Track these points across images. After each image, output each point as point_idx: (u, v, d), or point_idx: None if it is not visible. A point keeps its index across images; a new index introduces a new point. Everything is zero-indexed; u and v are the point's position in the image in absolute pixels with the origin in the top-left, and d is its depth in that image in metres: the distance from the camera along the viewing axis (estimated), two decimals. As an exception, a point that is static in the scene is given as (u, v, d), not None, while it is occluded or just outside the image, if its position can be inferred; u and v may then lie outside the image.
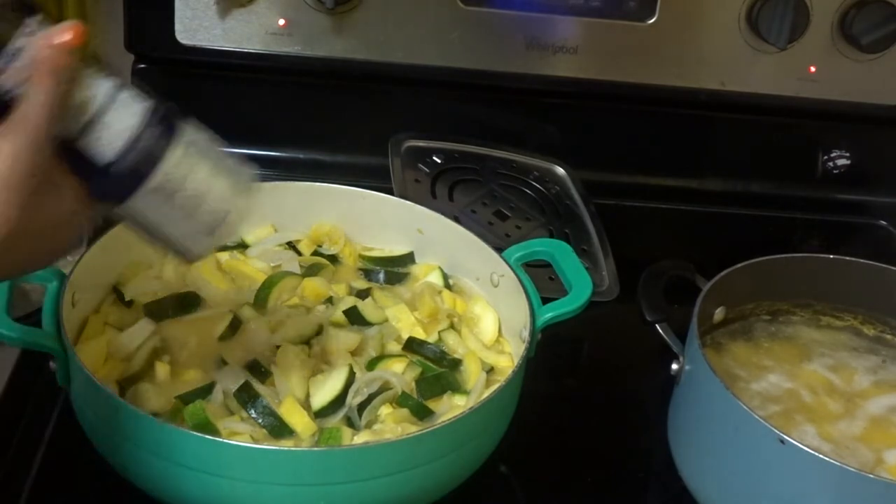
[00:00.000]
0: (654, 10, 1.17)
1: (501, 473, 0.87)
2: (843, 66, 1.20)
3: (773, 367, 0.91)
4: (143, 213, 0.64)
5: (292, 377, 0.82)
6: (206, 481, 0.73)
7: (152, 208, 0.64)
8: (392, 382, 0.83)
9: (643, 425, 0.92)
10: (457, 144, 1.22)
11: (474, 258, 0.94)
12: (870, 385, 0.90)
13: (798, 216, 1.29)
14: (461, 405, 0.83)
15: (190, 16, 1.14)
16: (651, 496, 0.92)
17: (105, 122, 0.62)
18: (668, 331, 0.89)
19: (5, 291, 0.80)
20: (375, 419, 0.81)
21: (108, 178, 0.62)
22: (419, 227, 0.97)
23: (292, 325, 0.87)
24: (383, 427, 0.80)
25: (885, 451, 0.83)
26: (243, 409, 0.79)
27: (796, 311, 0.96)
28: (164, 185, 0.63)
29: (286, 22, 1.14)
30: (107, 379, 0.81)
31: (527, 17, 1.16)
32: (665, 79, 1.20)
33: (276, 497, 0.73)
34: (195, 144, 0.64)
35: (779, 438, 0.74)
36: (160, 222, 0.65)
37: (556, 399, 0.98)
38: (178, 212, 0.64)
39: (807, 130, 1.28)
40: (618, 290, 1.08)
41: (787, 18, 1.14)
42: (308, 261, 0.96)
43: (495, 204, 1.16)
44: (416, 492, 0.77)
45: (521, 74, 1.19)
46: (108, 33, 1.25)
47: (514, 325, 0.89)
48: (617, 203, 1.24)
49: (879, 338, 0.95)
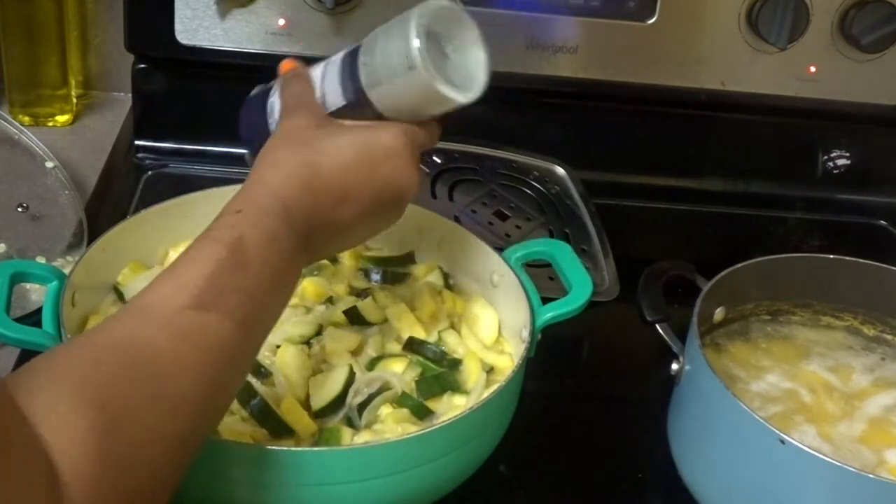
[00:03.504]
0: (654, 10, 1.17)
1: (501, 473, 0.87)
2: (843, 66, 1.20)
3: (771, 367, 0.91)
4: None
5: (292, 377, 0.82)
6: (206, 481, 0.73)
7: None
8: (392, 382, 0.83)
9: (643, 425, 0.92)
10: (457, 144, 1.22)
11: (474, 258, 0.94)
12: (869, 384, 0.90)
13: (798, 216, 1.28)
14: (461, 405, 0.83)
15: (190, 16, 1.14)
16: (651, 496, 0.92)
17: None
18: (668, 331, 0.89)
19: (5, 291, 0.80)
20: (375, 419, 0.81)
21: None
22: (419, 227, 0.97)
23: (292, 325, 0.87)
24: (383, 427, 0.80)
25: (886, 451, 0.83)
26: (243, 409, 0.79)
27: (796, 311, 0.96)
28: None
29: (286, 22, 1.14)
30: (107, 379, 0.81)
31: (527, 17, 1.16)
32: (665, 79, 1.20)
33: (276, 497, 0.73)
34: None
35: (779, 439, 0.74)
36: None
37: (556, 399, 0.98)
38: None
39: (807, 130, 1.28)
40: (618, 290, 1.08)
41: (787, 18, 1.14)
42: (308, 261, 0.96)
43: (495, 204, 1.16)
44: (416, 492, 0.77)
45: (521, 74, 1.19)
46: (108, 33, 1.25)
47: (514, 325, 0.89)
48: (617, 203, 1.24)
49: (879, 337, 0.95)
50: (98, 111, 1.27)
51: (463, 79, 0.72)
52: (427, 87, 0.70)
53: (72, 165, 1.13)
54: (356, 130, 0.72)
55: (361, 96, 0.72)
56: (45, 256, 0.99)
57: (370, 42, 0.72)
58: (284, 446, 0.76)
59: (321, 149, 0.70)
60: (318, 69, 0.76)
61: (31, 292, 0.94)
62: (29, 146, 1.11)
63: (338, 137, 0.71)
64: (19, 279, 0.83)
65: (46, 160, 1.10)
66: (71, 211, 1.06)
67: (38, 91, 1.21)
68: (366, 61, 0.72)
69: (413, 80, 0.70)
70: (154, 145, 1.22)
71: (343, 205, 0.70)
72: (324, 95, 0.74)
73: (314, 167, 0.69)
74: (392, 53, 0.70)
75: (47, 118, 1.22)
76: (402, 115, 0.73)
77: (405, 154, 0.72)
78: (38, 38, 1.19)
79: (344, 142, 0.71)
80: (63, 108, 1.23)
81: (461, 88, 0.71)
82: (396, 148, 0.71)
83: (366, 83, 0.72)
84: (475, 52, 0.73)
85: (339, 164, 0.70)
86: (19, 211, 1.05)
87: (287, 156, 0.70)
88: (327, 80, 0.74)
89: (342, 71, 0.73)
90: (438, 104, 0.72)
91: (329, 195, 0.70)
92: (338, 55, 0.75)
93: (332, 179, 0.70)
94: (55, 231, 1.03)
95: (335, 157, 0.70)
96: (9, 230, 1.02)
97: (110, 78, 1.28)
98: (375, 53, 0.71)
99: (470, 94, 0.72)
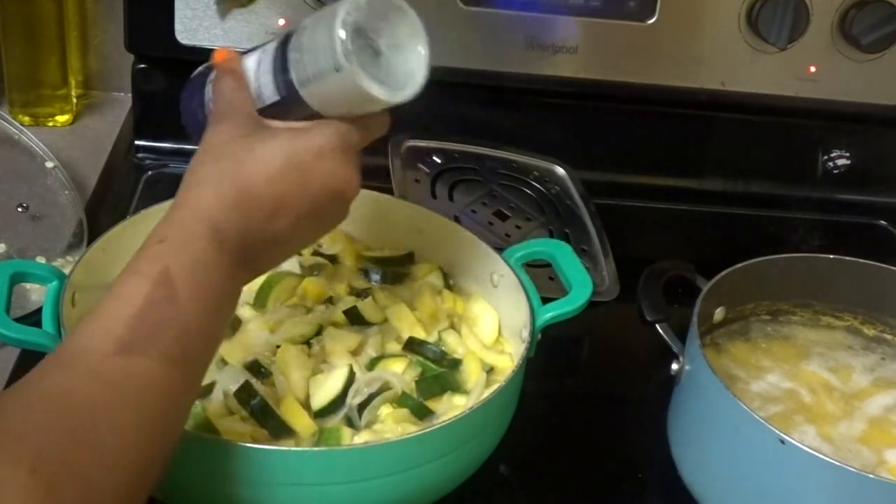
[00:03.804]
0: (654, 10, 1.17)
1: (501, 473, 0.87)
2: (843, 66, 1.20)
3: (771, 367, 0.91)
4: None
5: (292, 377, 0.82)
6: (206, 481, 0.73)
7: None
8: (392, 382, 0.83)
9: (643, 425, 0.92)
10: (457, 144, 1.22)
11: (474, 258, 0.94)
12: (869, 384, 0.90)
13: (798, 216, 1.28)
14: (461, 405, 0.83)
15: (190, 16, 1.14)
16: (651, 496, 0.92)
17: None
18: (668, 331, 0.89)
19: (5, 291, 0.80)
20: (375, 419, 0.81)
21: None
22: (419, 227, 0.97)
23: (292, 325, 0.87)
24: (383, 427, 0.80)
25: (886, 451, 0.83)
26: (243, 409, 0.79)
27: (796, 311, 0.96)
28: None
29: (286, 22, 1.14)
30: (107, 379, 0.81)
31: (527, 17, 1.16)
32: (665, 79, 1.20)
33: (276, 497, 0.73)
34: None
35: (779, 439, 0.74)
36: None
37: (556, 399, 0.98)
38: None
39: (807, 130, 1.28)
40: (618, 290, 1.08)
41: (787, 18, 1.14)
42: (308, 261, 0.96)
43: (495, 204, 1.16)
44: (416, 492, 0.77)
45: (521, 74, 1.19)
46: (108, 33, 1.25)
47: (514, 325, 0.89)
48: (617, 203, 1.24)
49: (879, 337, 0.95)
50: (98, 111, 1.27)
51: (399, 75, 0.68)
52: (356, 88, 0.66)
53: (72, 165, 1.13)
54: (285, 135, 0.68)
55: (294, 93, 0.69)
56: (45, 256, 0.99)
57: (299, 35, 0.68)
58: (284, 446, 0.76)
59: (249, 161, 0.66)
60: (253, 58, 0.72)
61: (31, 292, 0.94)
62: (29, 146, 1.11)
63: (266, 146, 0.67)
64: (19, 279, 0.83)
65: (46, 160, 1.10)
66: (71, 211, 1.06)
67: (38, 91, 1.21)
68: (295, 58, 0.68)
69: (341, 81, 0.66)
70: (154, 145, 1.23)
71: (278, 216, 0.67)
72: (259, 88, 0.71)
73: (243, 183, 0.66)
74: (318, 51, 0.66)
75: (47, 118, 1.22)
76: (338, 112, 0.69)
77: (338, 154, 0.69)
78: (38, 38, 1.19)
79: (272, 150, 0.67)
80: (63, 108, 1.23)
81: (394, 87, 0.67)
82: (326, 149, 0.68)
83: (296, 80, 0.68)
84: (413, 45, 0.69)
85: (268, 175, 0.66)
86: (19, 211, 1.05)
87: (212, 173, 0.66)
88: (262, 72, 0.70)
89: (274, 64, 0.70)
90: (372, 104, 0.68)
91: (261, 210, 0.66)
92: (272, 44, 0.71)
93: (263, 193, 0.66)
94: (55, 231, 1.03)
95: (264, 168, 0.66)
96: (9, 230, 1.02)
97: (110, 78, 1.28)
98: (303, 50, 0.67)
99: (403, 94, 0.68)
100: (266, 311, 0.89)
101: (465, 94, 1.22)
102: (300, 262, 0.95)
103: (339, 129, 0.69)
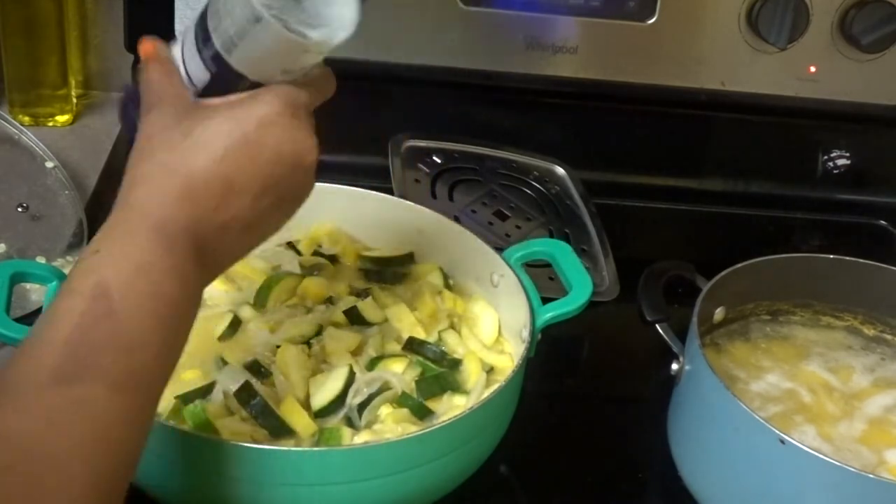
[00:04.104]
0: (654, 10, 1.17)
1: (501, 473, 0.88)
2: (843, 66, 1.20)
3: (771, 367, 0.91)
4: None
5: (292, 377, 0.82)
6: (206, 481, 0.73)
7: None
8: (392, 382, 0.83)
9: (643, 425, 0.92)
10: (457, 144, 1.22)
11: (474, 258, 0.94)
12: (869, 384, 0.90)
13: (798, 216, 1.29)
14: (461, 405, 0.83)
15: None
16: (651, 496, 0.92)
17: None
18: (668, 331, 0.89)
19: (5, 291, 0.80)
20: (375, 419, 0.81)
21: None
22: (419, 227, 0.97)
23: (292, 325, 0.87)
24: (383, 427, 0.80)
25: (886, 451, 0.83)
26: (243, 409, 0.79)
27: (796, 311, 0.96)
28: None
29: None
30: (107, 379, 0.81)
31: (527, 17, 1.16)
32: (665, 79, 1.20)
33: (276, 497, 0.73)
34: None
35: (779, 439, 0.74)
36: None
37: (556, 399, 0.98)
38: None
39: (807, 130, 1.28)
40: (618, 290, 1.08)
41: (787, 18, 1.14)
42: (308, 261, 0.96)
43: (495, 204, 1.16)
44: (416, 492, 0.77)
45: (521, 74, 1.19)
46: (108, 33, 1.25)
47: (514, 325, 0.89)
48: (617, 203, 1.24)
49: (879, 337, 0.95)
50: (98, 111, 1.27)
51: (328, 18, 0.63)
52: (283, 38, 0.61)
53: (72, 165, 1.13)
54: (223, 110, 0.63)
55: (223, 65, 0.64)
56: (45, 256, 0.99)
57: (214, 1, 0.64)
58: (284, 446, 0.76)
59: (188, 147, 0.61)
60: (178, 44, 0.67)
61: (31, 292, 0.94)
62: (29, 146, 1.11)
63: (204, 126, 0.62)
64: (19, 279, 0.83)
65: (46, 160, 1.10)
66: (71, 211, 1.06)
67: (38, 91, 1.21)
68: (214, 24, 0.63)
69: (265, 34, 0.61)
70: (154, 145, 1.22)
71: (231, 201, 0.61)
72: (188, 73, 0.66)
73: (185, 172, 0.60)
74: (235, 7, 0.62)
75: (47, 118, 1.22)
76: (274, 75, 0.64)
77: (285, 118, 0.63)
78: (38, 38, 1.19)
79: (212, 129, 0.62)
80: (63, 108, 1.23)
81: (325, 28, 0.62)
82: (271, 115, 0.62)
83: (221, 48, 0.63)
84: None
85: (211, 158, 0.61)
86: (19, 211, 1.05)
87: (151, 168, 0.61)
88: (187, 54, 0.66)
89: (196, 40, 0.65)
90: (305, 53, 0.63)
91: (211, 198, 0.61)
92: (192, 23, 0.66)
93: (209, 179, 0.61)
94: (55, 231, 1.04)
95: (206, 151, 0.61)
96: (9, 230, 1.02)
97: (110, 78, 1.28)
98: (220, 14, 0.63)
99: (334, 36, 0.63)
100: (266, 311, 0.89)
101: (465, 94, 1.22)
102: (300, 262, 0.95)
103: (280, 91, 0.64)
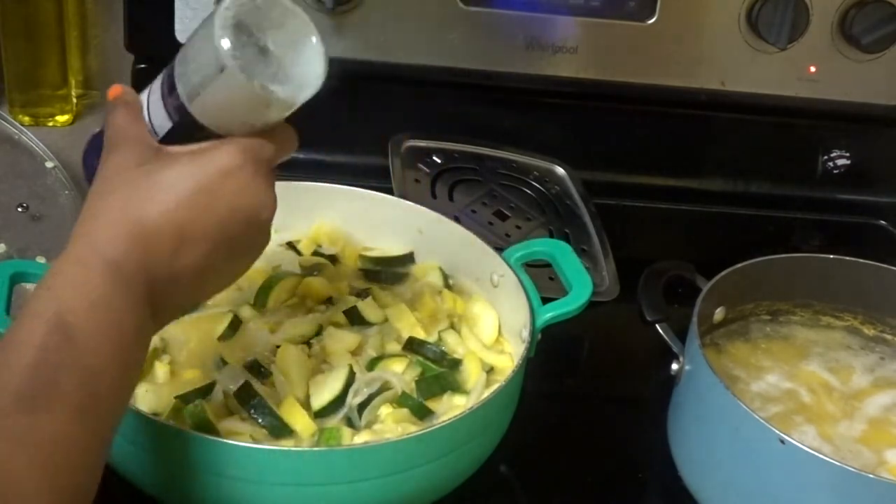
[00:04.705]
0: (654, 10, 1.17)
1: (501, 473, 0.87)
2: (843, 66, 1.20)
3: (771, 367, 0.91)
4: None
5: (292, 377, 0.82)
6: (206, 481, 0.73)
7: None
8: (392, 382, 0.83)
9: (643, 425, 0.92)
10: (457, 144, 1.22)
11: (474, 258, 0.94)
12: (868, 384, 0.90)
13: (798, 216, 1.29)
14: (461, 405, 0.83)
15: (190, 16, 1.14)
16: (651, 496, 0.92)
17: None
18: (668, 331, 0.89)
19: (5, 291, 0.80)
20: (375, 419, 0.81)
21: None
22: (419, 227, 0.97)
23: (292, 325, 0.87)
24: (383, 427, 0.80)
25: (886, 451, 0.83)
26: (243, 409, 0.79)
27: (796, 311, 0.96)
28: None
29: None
30: (107, 379, 0.81)
31: (527, 17, 1.16)
32: (665, 79, 1.20)
33: (276, 497, 0.73)
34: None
35: (779, 439, 0.74)
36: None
37: (556, 399, 0.98)
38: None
39: (807, 130, 1.28)
40: (618, 290, 1.08)
41: (787, 18, 1.14)
42: (308, 261, 0.96)
43: (495, 204, 1.16)
44: (416, 492, 0.77)
45: (521, 74, 1.19)
46: (108, 33, 1.26)
47: (514, 325, 0.89)
48: (617, 203, 1.24)
49: (879, 337, 0.95)
50: (98, 111, 1.27)
51: (295, 75, 0.64)
52: (246, 90, 0.61)
53: (72, 165, 1.13)
54: (184, 159, 0.63)
55: (184, 114, 0.64)
56: (45, 256, 0.99)
57: (184, 49, 0.64)
58: (284, 446, 0.77)
59: (146, 190, 0.61)
60: (145, 91, 0.67)
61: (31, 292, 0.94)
62: (29, 146, 1.11)
63: (164, 171, 0.62)
64: (19, 279, 0.83)
65: (46, 160, 1.10)
66: (71, 211, 1.06)
67: (38, 91, 1.22)
68: (181, 72, 0.63)
69: (229, 83, 0.61)
70: (154, 145, 1.23)
71: (184, 249, 0.61)
72: (151, 121, 0.66)
73: (139, 213, 0.60)
74: (201, 56, 0.62)
75: (47, 118, 1.22)
76: (234, 128, 0.64)
77: (246, 172, 0.63)
78: (38, 38, 1.19)
79: (171, 176, 0.62)
80: (63, 108, 1.23)
81: (290, 85, 0.63)
82: (232, 167, 0.62)
83: (184, 96, 0.63)
84: (305, 42, 0.64)
85: (167, 203, 0.61)
86: (19, 211, 1.05)
87: (108, 204, 0.61)
88: (152, 102, 0.66)
89: (162, 88, 0.65)
90: (268, 109, 0.63)
91: (164, 243, 0.61)
92: (162, 72, 0.66)
93: (163, 224, 0.61)
94: (55, 231, 1.04)
95: (161, 197, 0.61)
96: (9, 230, 1.02)
97: (110, 78, 1.28)
98: (188, 61, 0.63)
99: (302, 92, 0.64)
100: (266, 311, 0.89)
101: (465, 94, 1.22)
102: (300, 262, 0.95)
103: (244, 143, 0.64)
